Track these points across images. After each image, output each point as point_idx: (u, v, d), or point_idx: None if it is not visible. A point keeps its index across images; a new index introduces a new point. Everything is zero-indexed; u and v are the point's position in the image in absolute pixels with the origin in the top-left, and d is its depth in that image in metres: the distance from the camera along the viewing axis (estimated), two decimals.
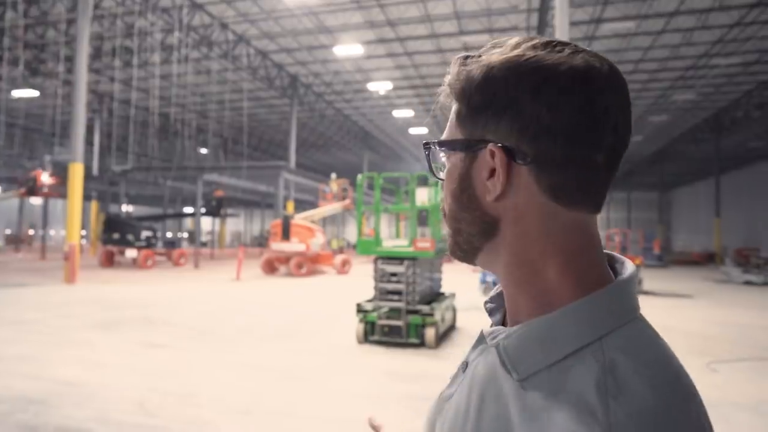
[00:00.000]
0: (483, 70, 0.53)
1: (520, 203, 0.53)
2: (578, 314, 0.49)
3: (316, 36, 18.73)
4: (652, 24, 16.71)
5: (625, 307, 0.51)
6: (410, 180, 7.50)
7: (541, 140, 0.50)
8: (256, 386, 5.04)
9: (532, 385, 0.49)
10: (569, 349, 0.48)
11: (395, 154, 40.76)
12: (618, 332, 0.49)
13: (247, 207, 49.52)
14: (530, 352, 0.50)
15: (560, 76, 0.50)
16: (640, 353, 0.47)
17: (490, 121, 0.53)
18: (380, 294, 6.98)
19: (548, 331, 0.50)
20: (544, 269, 0.53)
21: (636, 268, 0.55)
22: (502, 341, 0.53)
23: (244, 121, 26.26)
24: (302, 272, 17.76)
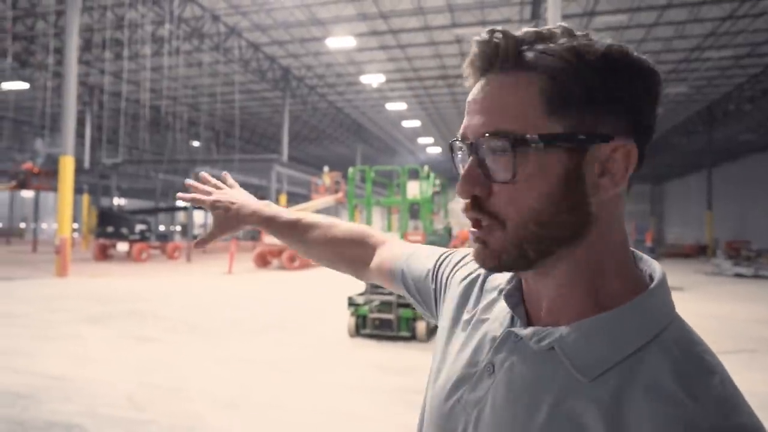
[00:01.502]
0: (600, 54, 0.49)
1: (617, 200, 0.52)
2: (640, 311, 0.50)
3: (308, 28, 18.61)
4: (645, 17, 16.71)
5: (670, 303, 0.52)
6: (401, 173, 7.49)
7: (645, 137, 0.51)
8: (246, 379, 5.05)
9: (603, 383, 0.48)
10: (636, 345, 0.48)
11: (388, 147, 40.70)
12: (672, 327, 0.50)
13: None
14: (595, 352, 0.49)
15: (656, 76, 0.50)
16: (696, 345, 0.49)
17: (606, 113, 0.49)
18: (371, 287, 6.99)
19: (614, 329, 0.49)
20: (608, 267, 0.52)
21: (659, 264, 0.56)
22: (557, 342, 0.50)
23: (236, 113, 26.09)
24: (295, 265, 17.75)
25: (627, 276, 0.52)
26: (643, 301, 0.50)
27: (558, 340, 0.50)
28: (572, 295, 0.52)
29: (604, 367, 0.48)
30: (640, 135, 0.50)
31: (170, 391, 4.66)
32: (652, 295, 0.51)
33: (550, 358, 0.51)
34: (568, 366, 0.49)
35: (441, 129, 34.16)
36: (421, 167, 7.63)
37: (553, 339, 0.51)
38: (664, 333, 0.49)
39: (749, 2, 15.44)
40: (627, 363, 0.48)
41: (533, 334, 0.52)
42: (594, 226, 0.51)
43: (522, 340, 0.54)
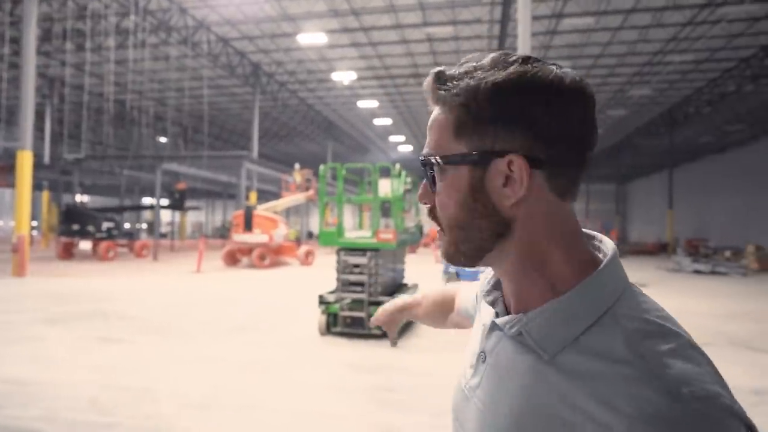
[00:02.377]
0: (490, 84, 0.57)
1: (533, 204, 0.59)
2: (590, 290, 0.57)
3: (279, 24, 18.38)
4: (611, 20, 17.12)
5: (621, 277, 0.59)
6: (373, 171, 7.48)
7: (553, 147, 0.57)
8: (216, 380, 4.95)
9: (564, 359, 0.55)
10: (588, 321, 0.55)
11: (360, 145, 40.60)
12: (622, 298, 0.57)
13: (208, 197, 48.47)
14: (554, 331, 0.56)
15: (564, 90, 0.57)
16: (646, 310, 0.55)
17: (501, 133, 0.57)
18: (343, 285, 6.96)
19: (566, 310, 0.57)
20: (551, 257, 0.60)
21: (613, 243, 0.63)
22: (523, 327, 0.59)
23: (205, 109, 25.59)
24: (265, 264, 17.54)
25: (576, 261, 0.60)
26: (593, 280, 0.57)
27: (524, 325, 0.59)
28: (531, 285, 0.61)
29: (563, 344, 0.55)
30: (545, 145, 0.57)
31: (136, 393, 4.54)
32: (601, 274, 0.58)
33: (520, 342, 0.60)
34: (533, 346, 0.57)
35: (412, 127, 34.27)
36: (393, 165, 7.62)
37: (521, 325, 0.59)
38: (615, 306, 0.56)
39: (707, 9, 16.00)
40: (583, 337, 0.55)
41: (506, 322, 0.61)
42: (515, 225, 0.60)
43: (500, 327, 0.63)
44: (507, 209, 0.59)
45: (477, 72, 0.59)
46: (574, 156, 0.58)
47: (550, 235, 0.60)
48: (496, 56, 0.60)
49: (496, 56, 0.60)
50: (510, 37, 17.74)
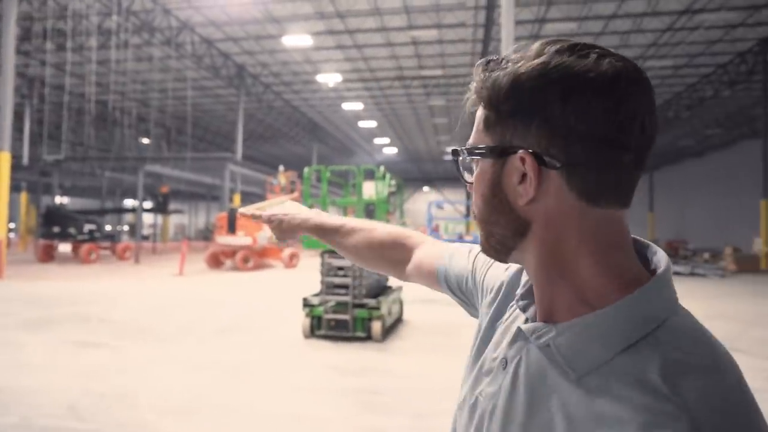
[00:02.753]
0: (510, 78, 0.54)
1: (551, 206, 0.55)
2: (630, 309, 0.51)
3: (264, 25, 18.31)
4: (592, 26, 17.37)
5: (670, 299, 0.54)
6: (357, 173, 7.49)
7: (570, 146, 0.52)
8: (199, 384, 4.91)
9: (592, 381, 0.51)
10: (625, 343, 0.50)
11: (345, 147, 40.57)
12: (668, 323, 0.51)
13: (191, 199, 47.97)
14: (586, 349, 0.52)
15: (589, 83, 0.51)
16: (693, 341, 0.51)
17: (519, 128, 0.55)
18: (327, 288, 6.95)
19: (602, 327, 0.52)
20: (577, 266, 0.55)
21: (667, 257, 0.57)
22: (553, 340, 0.54)
23: (189, 110, 25.33)
24: (249, 266, 17.43)
25: (616, 273, 0.54)
26: (635, 298, 0.52)
27: (553, 338, 0.54)
28: (555, 293, 0.57)
29: (594, 365, 0.51)
30: (564, 143, 0.52)
31: (116, 398, 4.48)
32: (645, 292, 0.52)
33: (547, 355, 0.55)
34: (561, 362, 0.53)
35: (397, 130, 34.34)
36: (377, 167, 7.65)
37: (549, 337, 0.55)
38: (658, 330, 0.51)
39: (686, 16, 16.32)
40: (617, 360, 0.50)
41: (533, 331, 0.57)
42: (533, 226, 0.56)
43: (526, 335, 0.58)
44: (521, 208, 0.56)
45: (510, 63, 0.56)
46: (600, 156, 0.52)
47: (579, 242, 0.54)
48: (542, 44, 0.56)
49: (542, 44, 0.56)
50: (494, 41, 17.90)
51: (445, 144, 38.80)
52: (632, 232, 0.60)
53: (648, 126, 0.54)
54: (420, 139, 37.52)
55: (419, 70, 22.60)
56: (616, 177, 0.53)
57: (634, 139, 0.52)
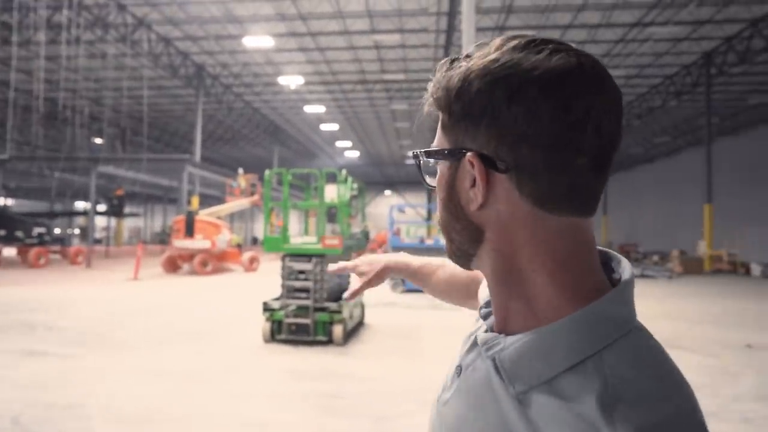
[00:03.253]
0: (461, 77, 0.52)
1: (503, 211, 0.51)
2: (577, 326, 0.48)
3: (224, 25, 18.01)
4: (550, 34, 17.80)
5: (624, 316, 0.50)
6: (319, 177, 7.45)
7: (519, 147, 0.48)
8: (155, 392, 4.76)
9: (532, 400, 0.48)
10: (568, 363, 0.47)
11: (306, 150, 40.28)
12: (618, 344, 0.48)
13: (147, 202, 46.55)
14: (528, 366, 0.49)
15: (534, 81, 0.48)
16: (641, 366, 0.46)
17: (469, 129, 0.51)
18: (288, 292, 6.88)
19: (546, 344, 0.49)
20: (532, 277, 0.51)
21: (632, 270, 0.53)
22: (497, 354, 0.52)
23: (145, 110, 24.59)
24: (207, 270, 17.05)
25: (571, 285, 0.51)
26: (586, 314, 0.48)
27: (498, 352, 0.52)
28: (509, 303, 0.54)
29: (535, 383, 0.48)
30: (511, 146, 0.49)
31: (66, 408, 4.29)
32: (599, 308, 0.49)
33: (494, 366, 0.53)
34: (503, 375, 0.51)
35: (359, 133, 34.37)
36: (339, 171, 7.63)
37: (496, 349, 0.52)
38: (606, 350, 0.47)
39: (636, 28, 17.04)
40: (557, 380, 0.47)
41: (485, 342, 0.55)
42: (486, 233, 0.53)
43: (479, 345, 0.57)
44: (473, 213, 0.53)
45: (464, 61, 0.53)
46: (550, 159, 0.48)
47: (533, 251, 0.51)
48: (503, 39, 0.53)
49: (503, 39, 0.53)
50: (455, 46, 18.19)
51: (407, 148, 39.08)
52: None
53: (606, 126, 0.49)
54: (382, 143, 37.66)
55: (382, 74, 22.71)
56: (570, 182, 0.49)
57: (588, 141, 0.48)
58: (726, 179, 28.10)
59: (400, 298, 11.72)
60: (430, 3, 16.20)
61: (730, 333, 7.84)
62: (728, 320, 9.17)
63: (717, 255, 21.23)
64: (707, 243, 21.13)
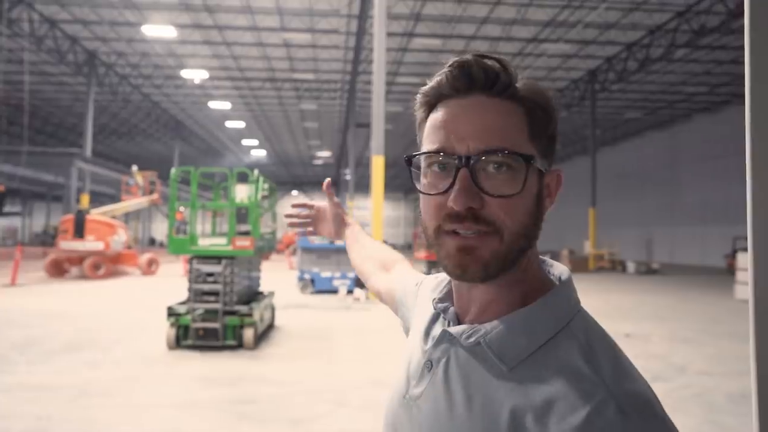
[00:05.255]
0: (550, 95, 0.60)
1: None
2: (550, 306, 0.59)
3: (121, 11, 16.79)
4: (455, 44, 18.70)
5: (575, 299, 0.62)
6: (230, 176, 7.23)
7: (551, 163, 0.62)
8: (42, 410, 4.35)
9: (523, 369, 0.55)
10: (547, 335, 0.56)
11: (211, 148, 38.65)
12: (576, 318, 0.59)
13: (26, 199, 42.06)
14: (515, 343, 0.56)
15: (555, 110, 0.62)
16: (596, 330, 0.58)
17: (552, 144, 0.61)
18: (195, 295, 6.60)
19: (527, 322, 0.57)
20: (533, 271, 0.62)
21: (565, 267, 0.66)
22: (483, 337, 0.58)
23: (25, 98, 22.19)
24: (100, 274, 15.78)
25: (541, 277, 0.63)
26: (554, 297, 0.59)
27: (483, 335, 0.58)
28: (506, 297, 0.61)
29: (523, 356, 0.56)
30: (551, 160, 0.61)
31: None
32: (560, 292, 0.60)
33: (478, 353, 0.58)
34: (492, 357, 0.57)
35: (267, 132, 33.60)
36: (252, 170, 7.46)
37: (480, 335, 0.58)
38: (570, 323, 0.58)
39: (532, 44, 18.35)
40: (542, 350, 0.56)
41: (463, 332, 0.60)
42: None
43: (454, 337, 0.61)
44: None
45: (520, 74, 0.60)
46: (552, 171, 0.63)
47: (535, 250, 0.62)
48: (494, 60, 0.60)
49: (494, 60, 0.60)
50: (365, 49, 18.41)
51: (315, 148, 38.83)
52: None
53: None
54: (290, 143, 37.10)
55: (291, 72, 22.39)
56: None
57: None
58: (607, 186, 31.07)
59: (311, 299, 11.65)
60: (341, 5, 16.27)
61: (612, 324, 8.69)
62: (610, 312, 10.16)
63: (599, 254, 23.35)
64: (591, 243, 23.19)
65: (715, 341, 7.58)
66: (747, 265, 5.76)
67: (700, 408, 4.67)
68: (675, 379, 5.60)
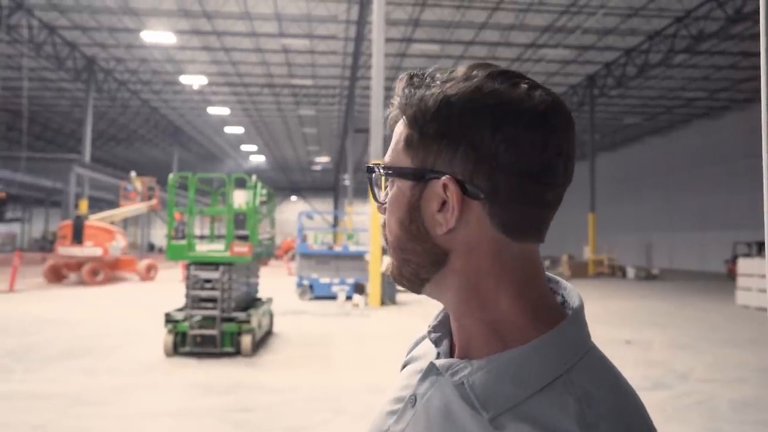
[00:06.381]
0: (439, 98, 0.51)
1: (472, 237, 0.52)
2: (546, 349, 0.50)
3: (120, 17, 16.82)
4: (453, 49, 18.75)
5: (584, 337, 0.53)
6: (228, 182, 7.20)
7: (497, 177, 0.50)
8: (38, 419, 4.30)
9: (506, 422, 0.48)
10: (540, 383, 0.48)
11: (209, 153, 38.68)
12: (582, 362, 0.50)
13: (25, 205, 42.01)
14: (500, 389, 0.49)
15: (521, 115, 0.50)
16: (604, 382, 0.50)
17: (443, 152, 0.51)
18: (193, 302, 6.55)
19: (518, 366, 0.49)
20: (496, 300, 0.52)
21: (578, 293, 0.56)
22: (467, 378, 0.51)
23: (24, 104, 22.19)
24: (98, 280, 15.73)
25: (532, 310, 0.53)
26: (552, 337, 0.50)
27: (467, 375, 0.51)
28: (473, 327, 0.54)
29: (507, 406, 0.48)
30: (488, 174, 0.50)
31: None
32: (562, 331, 0.51)
33: (461, 393, 0.51)
34: (473, 401, 0.50)
35: (265, 137, 33.63)
36: (249, 176, 7.44)
37: (463, 375, 0.51)
38: (572, 371, 0.49)
39: (531, 49, 18.38)
40: (531, 401, 0.48)
41: (448, 367, 0.53)
42: (451, 258, 0.53)
43: (440, 372, 0.54)
44: (440, 237, 0.53)
45: (438, 82, 0.53)
46: (525, 190, 0.50)
47: (497, 276, 0.52)
48: (471, 66, 0.54)
49: (471, 66, 0.54)
50: (364, 55, 18.45)
51: (314, 154, 38.86)
52: None
53: (570, 163, 0.53)
54: (289, 148, 37.14)
55: (289, 78, 22.43)
56: (539, 213, 0.52)
57: (558, 176, 0.52)
58: (606, 191, 31.08)
59: (309, 305, 11.60)
60: (339, 10, 16.31)
61: (612, 330, 8.64)
62: (610, 319, 10.12)
63: (599, 259, 23.31)
64: (591, 249, 23.15)
65: (716, 348, 7.54)
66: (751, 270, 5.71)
67: (702, 416, 4.63)
68: (676, 386, 5.56)
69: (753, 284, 12.01)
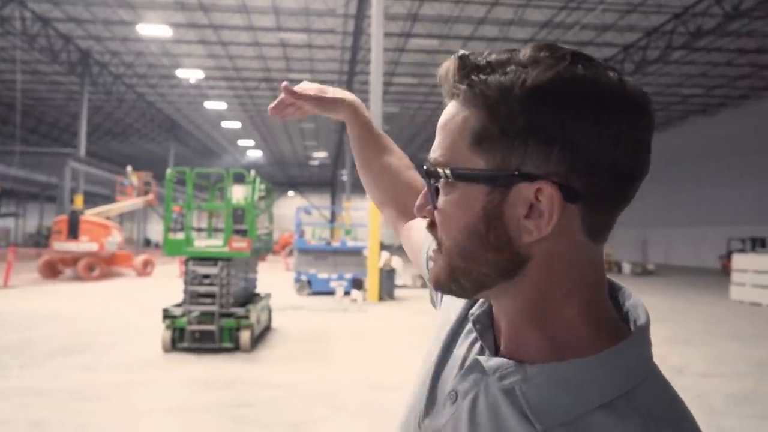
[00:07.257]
0: (528, 86, 0.44)
1: (558, 243, 0.47)
2: (612, 364, 0.46)
3: (115, 10, 16.68)
4: (453, 44, 18.68)
5: (648, 356, 0.49)
6: (226, 177, 7.16)
7: (595, 177, 0.45)
8: (36, 415, 4.27)
9: None
10: (601, 400, 0.45)
11: (206, 148, 38.52)
12: (645, 382, 0.47)
13: (20, 200, 41.76)
14: (556, 400, 0.45)
15: (625, 105, 0.45)
16: (668, 406, 0.46)
17: (535, 151, 0.44)
18: (191, 297, 6.52)
19: (579, 378, 0.45)
20: (563, 310, 0.48)
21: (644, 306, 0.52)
22: (519, 385, 0.47)
23: (18, 97, 22.01)
24: (94, 275, 15.65)
25: (597, 322, 0.49)
26: (619, 353, 0.46)
27: (520, 382, 0.47)
28: (532, 333, 0.50)
29: (564, 419, 0.45)
30: (586, 173, 0.45)
31: None
32: (628, 347, 0.47)
33: (510, 398, 0.48)
34: (526, 410, 0.46)
35: (263, 132, 33.51)
36: (248, 171, 7.40)
37: (515, 380, 0.48)
38: (632, 392, 0.45)
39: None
40: (590, 417, 0.44)
41: (497, 369, 0.49)
42: (528, 267, 0.48)
43: (486, 372, 0.51)
44: (524, 246, 0.47)
45: (511, 66, 0.46)
46: (619, 190, 0.46)
47: (571, 285, 0.48)
48: (537, 48, 0.47)
49: (537, 48, 0.47)
50: (362, 50, 18.37)
51: (311, 149, 38.76)
52: None
53: (649, 160, 0.48)
54: (286, 143, 37.02)
55: (287, 72, 22.32)
56: (620, 211, 0.49)
57: (646, 172, 0.48)
58: None
59: (308, 301, 11.59)
60: (337, 4, 16.22)
61: None
62: None
63: None
64: None
65: (712, 343, 7.58)
66: (745, 266, 5.74)
67: (700, 410, 4.65)
68: (673, 381, 5.41)
69: (747, 279, 12.10)
